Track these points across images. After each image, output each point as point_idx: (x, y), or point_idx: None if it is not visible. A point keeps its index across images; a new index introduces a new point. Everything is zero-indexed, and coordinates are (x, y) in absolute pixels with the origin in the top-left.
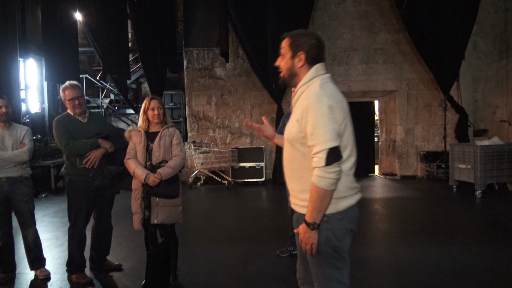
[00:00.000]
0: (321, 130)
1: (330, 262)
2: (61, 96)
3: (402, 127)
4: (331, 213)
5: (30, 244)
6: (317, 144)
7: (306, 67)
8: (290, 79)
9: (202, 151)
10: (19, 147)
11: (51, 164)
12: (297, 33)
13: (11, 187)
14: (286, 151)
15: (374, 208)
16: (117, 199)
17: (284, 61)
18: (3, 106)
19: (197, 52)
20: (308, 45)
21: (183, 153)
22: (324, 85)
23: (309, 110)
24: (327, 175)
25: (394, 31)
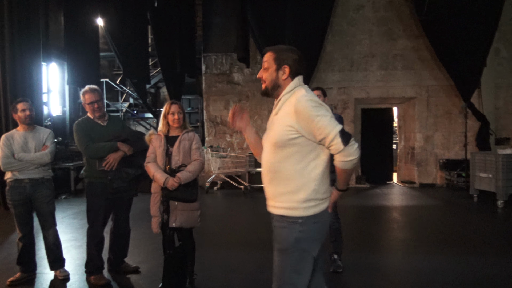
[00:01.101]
0: (324, 122)
1: (292, 265)
2: (81, 100)
3: (421, 134)
4: (308, 215)
5: (50, 244)
6: (328, 134)
7: (289, 79)
8: (273, 90)
9: (219, 155)
10: (41, 149)
11: (71, 167)
12: (280, 48)
13: (33, 188)
14: (268, 156)
15: (392, 216)
16: (135, 202)
17: (268, 74)
18: (27, 109)
19: (215, 58)
20: (292, 60)
21: (202, 157)
22: (308, 90)
23: (305, 112)
24: (349, 158)
25: (414, 37)
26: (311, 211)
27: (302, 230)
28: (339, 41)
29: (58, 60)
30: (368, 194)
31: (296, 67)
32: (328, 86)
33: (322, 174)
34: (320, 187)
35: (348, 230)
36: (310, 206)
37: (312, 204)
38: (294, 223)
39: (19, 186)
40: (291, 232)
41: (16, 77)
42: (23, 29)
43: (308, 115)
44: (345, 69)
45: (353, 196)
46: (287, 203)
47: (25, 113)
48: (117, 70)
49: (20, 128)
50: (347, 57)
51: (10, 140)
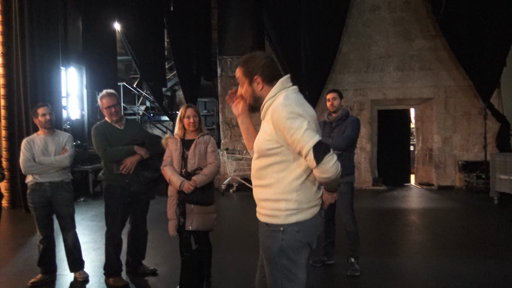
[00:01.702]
0: (298, 135)
1: (284, 273)
2: (99, 104)
3: (439, 135)
4: (289, 223)
5: (70, 246)
6: (302, 148)
7: (266, 88)
8: (256, 103)
9: (235, 158)
10: (61, 153)
11: (89, 169)
12: (245, 59)
13: (53, 191)
14: (255, 161)
15: (410, 219)
16: (153, 205)
17: (244, 90)
18: (47, 114)
19: (230, 60)
20: (260, 67)
21: (217, 160)
22: (288, 97)
23: (279, 122)
24: (324, 175)
25: (431, 37)
26: (293, 219)
27: (284, 238)
28: (355, 42)
29: (76, 64)
30: (385, 196)
31: (268, 71)
32: (344, 88)
33: (305, 184)
34: (302, 197)
35: (365, 233)
36: (292, 214)
37: (293, 212)
38: (277, 232)
39: (40, 189)
40: (274, 240)
41: (36, 82)
42: (43, 35)
43: (283, 127)
44: (361, 70)
45: (370, 198)
46: (269, 211)
47: (45, 118)
48: (134, 73)
49: (41, 132)
50: (363, 58)
51: (31, 144)
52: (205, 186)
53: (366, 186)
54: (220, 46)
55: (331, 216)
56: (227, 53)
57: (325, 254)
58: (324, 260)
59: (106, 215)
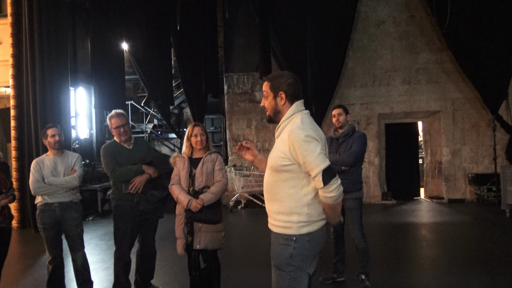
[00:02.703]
0: (311, 157)
1: (288, 281)
2: (108, 124)
3: (448, 148)
4: (301, 233)
5: (79, 267)
6: (312, 170)
7: (287, 104)
8: (275, 116)
9: (242, 174)
10: (70, 173)
11: (98, 188)
12: (274, 75)
13: (62, 211)
14: (268, 176)
15: (421, 234)
16: (161, 223)
17: (267, 102)
18: (56, 135)
19: (237, 77)
20: (286, 85)
21: (225, 178)
22: (304, 120)
23: (295, 144)
24: (328, 194)
25: (437, 50)
26: (305, 230)
27: (296, 247)
28: (360, 57)
29: (85, 84)
30: (395, 210)
31: (292, 91)
32: (351, 102)
33: (315, 199)
34: (313, 211)
35: (376, 248)
36: (304, 225)
37: (305, 224)
38: (289, 240)
39: (49, 210)
40: (286, 249)
41: (46, 103)
42: (52, 56)
43: (298, 147)
44: (367, 84)
45: (379, 213)
46: (282, 222)
47: (54, 139)
48: (142, 92)
49: (50, 153)
50: (369, 72)
51: (40, 165)
52: (213, 204)
53: (375, 201)
54: (227, 63)
55: (341, 232)
56: (233, 71)
57: (335, 271)
58: (334, 277)
59: (115, 234)
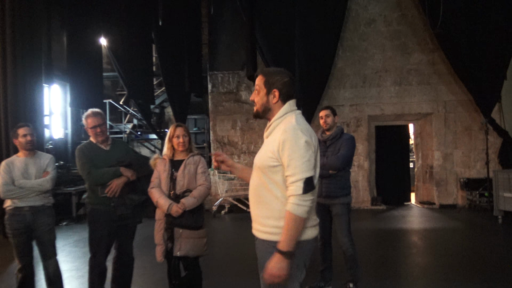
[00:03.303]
0: (298, 161)
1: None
2: (84, 123)
3: (440, 152)
4: None
5: (51, 275)
6: (295, 174)
7: (279, 103)
8: (263, 113)
9: (226, 178)
10: (42, 175)
11: (73, 191)
12: (270, 71)
13: (33, 216)
14: (255, 178)
15: (411, 240)
16: (139, 228)
17: (259, 97)
18: (28, 135)
19: (221, 76)
20: (282, 83)
21: (208, 182)
22: (299, 120)
23: (286, 142)
24: (303, 203)
25: (429, 51)
26: None
27: None
28: (350, 56)
29: (60, 81)
30: (385, 216)
31: (286, 90)
32: (340, 103)
33: None
34: None
35: (364, 256)
36: None
37: None
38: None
39: (19, 214)
40: None
41: (18, 100)
42: (25, 50)
43: (289, 147)
44: (357, 85)
45: (368, 219)
46: (270, 228)
47: (26, 139)
48: (121, 90)
49: (21, 153)
50: (359, 72)
51: (10, 166)
52: (195, 209)
53: (364, 206)
54: (211, 61)
55: (328, 239)
56: (218, 69)
57: (322, 279)
58: (321, 286)
59: (90, 240)
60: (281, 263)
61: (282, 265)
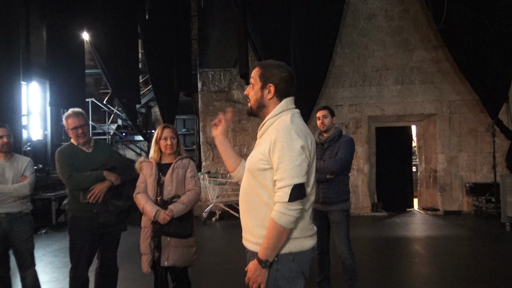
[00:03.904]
0: (288, 165)
1: None
2: (64, 124)
3: (444, 155)
4: (283, 253)
5: (29, 287)
6: (283, 179)
7: (275, 99)
8: (258, 110)
9: (217, 182)
10: (20, 180)
11: (53, 197)
12: (268, 64)
13: (10, 224)
14: (245, 182)
15: (413, 249)
16: (124, 237)
17: (253, 91)
18: (4, 136)
19: (212, 73)
20: (279, 78)
21: (197, 187)
22: (294, 120)
23: (277, 143)
24: (288, 212)
25: (432, 48)
26: (286, 249)
27: (279, 268)
28: (349, 53)
29: (39, 79)
30: (386, 223)
31: (283, 86)
32: (338, 103)
33: None
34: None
35: (364, 266)
36: (285, 242)
37: (286, 240)
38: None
39: None
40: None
41: None
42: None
43: (280, 148)
44: (356, 84)
45: (368, 226)
46: (259, 238)
47: (2, 140)
48: (104, 88)
49: None
50: (358, 71)
51: None
52: (183, 216)
53: (364, 213)
54: (201, 58)
55: (325, 248)
56: (208, 66)
57: None
58: None
59: (71, 250)
60: (258, 271)
61: (259, 273)
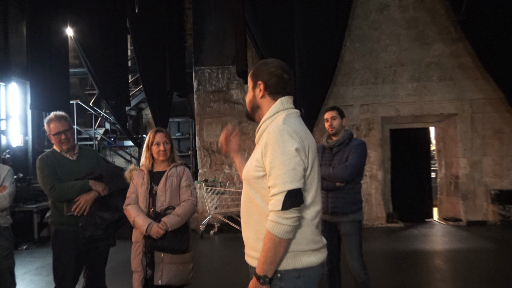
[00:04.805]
0: (280, 170)
1: None
2: (46, 130)
3: (466, 159)
4: (287, 269)
5: None
6: (275, 185)
7: (268, 98)
8: (253, 112)
9: (216, 192)
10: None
11: (35, 209)
12: (260, 63)
13: None
14: (243, 192)
15: (433, 264)
16: (113, 253)
17: (247, 94)
18: None
19: (209, 72)
20: (267, 74)
21: (193, 197)
22: (288, 120)
23: (268, 146)
24: (282, 221)
25: (452, 41)
26: (290, 264)
27: (282, 286)
28: (360, 48)
29: (19, 79)
30: (403, 235)
31: (274, 82)
32: (348, 103)
33: (305, 221)
34: (299, 236)
35: (379, 283)
36: (289, 257)
37: (290, 255)
38: (274, 279)
39: None
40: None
41: None
42: None
43: (271, 151)
44: (368, 81)
45: (383, 238)
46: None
47: None
48: (90, 89)
49: None
50: (370, 67)
51: None
52: (179, 229)
53: (378, 224)
54: (197, 55)
55: (336, 263)
56: (204, 63)
57: None
58: None
59: (55, 267)
60: None
61: None
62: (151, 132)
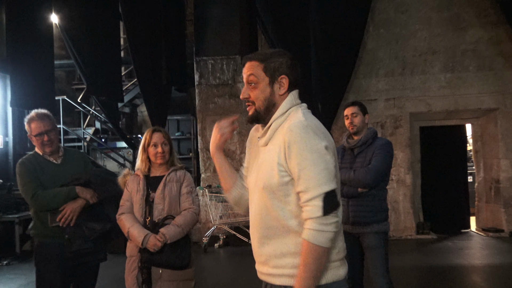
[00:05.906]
0: (312, 171)
1: None
2: (26, 130)
3: (509, 160)
4: (320, 284)
5: None
6: (308, 189)
7: (285, 94)
8: (266, 112)
9: (221, 199)
10: None
11: (16, 219)
12: (266, 54)
13: None
14: (258, 203)
15: (471, 281)
16: (104, 269)
17: (258, 90)
18: None
19: (212, 63)
20: (288, 67)
21: (195, 205)
22: (307, 115)
23: (293, 146)
24: (325, 228)
25: (491, 25)
26: (330, 275)
27: None
28: (384, 34)
29: None
30: (435, 248)
31: (294, 75)
32: (372, 98)
33: None
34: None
35: None
36: (328, 268)
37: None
38: None
39: None
40: None
41: None
42: None
43: (295, 154)
44: (394, 72)
45: (413, 252)
46: (290, 269)
47: None
48: (78, 83)
49: None
50: (397, 56)
51: None
52: (179, 241)
53: (407, 235)
54: (198, 43)
55: (358, 280)
56: (207, 53)
57: None
58: None
59: (39, 285)
60: None
61: None
62: (148, 132)
